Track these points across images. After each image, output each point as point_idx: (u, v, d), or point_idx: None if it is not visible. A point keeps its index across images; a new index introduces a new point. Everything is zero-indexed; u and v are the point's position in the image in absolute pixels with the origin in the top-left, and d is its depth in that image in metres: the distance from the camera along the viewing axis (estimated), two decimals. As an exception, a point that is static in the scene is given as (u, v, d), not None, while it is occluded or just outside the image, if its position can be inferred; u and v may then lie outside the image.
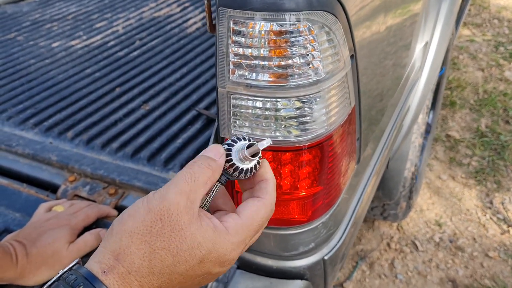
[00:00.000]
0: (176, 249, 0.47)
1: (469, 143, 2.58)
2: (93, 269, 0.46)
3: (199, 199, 0.50)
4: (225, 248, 0.49)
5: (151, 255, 0.46)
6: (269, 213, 0.54)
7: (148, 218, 0.48)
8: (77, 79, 1.51)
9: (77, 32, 1.84)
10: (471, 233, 2.11)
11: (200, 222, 0.49)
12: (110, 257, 0.47)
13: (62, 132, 1.25)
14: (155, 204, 0.48)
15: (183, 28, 1.86)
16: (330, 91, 0.72)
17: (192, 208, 0.49)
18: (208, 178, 0.52)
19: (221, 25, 0.67)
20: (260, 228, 0.54)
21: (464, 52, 3.44)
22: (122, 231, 0.48)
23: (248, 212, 0.53)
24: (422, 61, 1.47)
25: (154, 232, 0.47)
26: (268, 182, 0.56)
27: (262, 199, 0.54)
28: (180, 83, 1.46)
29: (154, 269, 0.46)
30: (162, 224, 0.47)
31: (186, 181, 0.50)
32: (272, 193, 0.55)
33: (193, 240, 0.47)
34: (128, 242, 0.47)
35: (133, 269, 0.46)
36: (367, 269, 1.99)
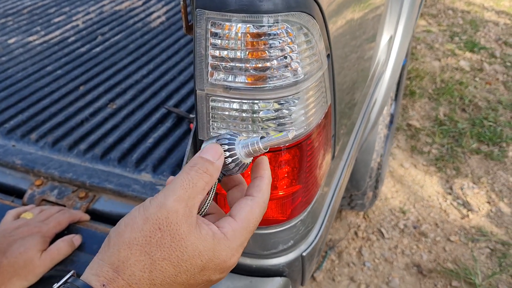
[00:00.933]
0: (177, 259, 0.46)
1: (429, 132, 2.67)
2: (91, 281, 0.45)
3: (197, 205, 0.49)
4: (225, 254, 0.49)
5: (151, 266, 0.45)
6: (262, 212, 0.53)
7: (146, 228, 0.47)
8: (38, 77, 1.45)
9: (34, 27, 1.77)
10: (433, 218, 2.19)
11: (199, 231, 0.48)
12: (109, 269, 0.46)
13: (25, 134, 1.20)
14: (153, 213, 0.47)
15: (146, 23, 1.81)
16: (308, 91, 0.72)
17: (191, 215, 0.48)
18: (206, 183, 0.51)
19: (198, 27, 0.66)
20: (255, 228, 0.53)
21: (421, 42, 3.53)
22: (120, 242, 0.46)
23: (243, 214, 0.52)
24: (387, 55, 1.50)
25: (154, 243, 0.46)
26: (262, 180, 0.55)
27: (255, 198, 0.53)
28: (147, 80, 1.43)
29: (155, 280, 0.46)
30: (161, 233, 0.46)
31: (184, 187, 0.49)
32: (265, 191, 0.54)
33: (193, 249, 0.47)
34: (127, 254, 0.46)
35: (134, 282, 0.45)
36: (336, 258, 2.03)
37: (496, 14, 3.96)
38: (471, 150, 2.54)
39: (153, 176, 1.07)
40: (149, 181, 1.05)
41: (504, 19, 3.88)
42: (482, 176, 2.38)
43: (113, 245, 0.47)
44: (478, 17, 3.92)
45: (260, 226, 0.84)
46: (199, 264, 0.47)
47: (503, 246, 2.02)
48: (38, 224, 0.91)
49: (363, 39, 1.16)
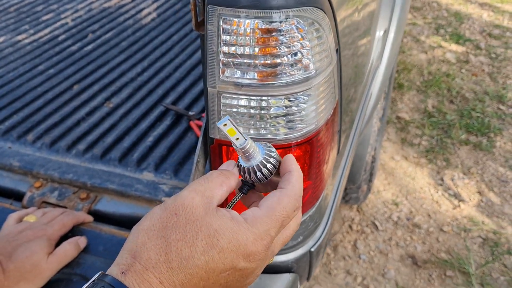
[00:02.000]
0: (192, 239, 0.45)
1: (419, 124, 2.70)
2: (113, 272, 0.45)
3: (216, 197, 0.49)
4: (245, 237, 0.47)
5: (167, 249, 0.45)
6: (293, 203, 0.52)
7: (164, 215, 0.47)
8: (30, 76, 1.42)
9: (23, 26, 1.73)
10: (426, 210, 2.21)
11: (216, 212, 0.48)
12: (128, 256, 0.45)
13: (21, 135, 1.17)
14: (170, 202, 0.48)
15: (137, 19, 1.79)
16: (319, 87, 0.72)
17: (209, 202, 0.48)
18: (222, 181, 0.51)
19: (210, 24, 0.65)
20: (286, 218, 0.51)
21: (407, 35, 3.56)
22: (139, 230, 0.47)
23: (268, 203, 0.51)
24: (382, 49, 1.50)
25: (170, 226, 0.46)
26: (291, 173, 0.55)
27: (284, 189, 0.52)
28: (142, 78, 1.41)
29: (172, 263, 0.45)
30: (177, 218, 0.47)
31: (199, 183, 0.50)
32: (295, 183, 0.53)
33: (208, 228, 0.46)
34: (144, 239, 0.46)
35: (151, 265, 0.44)
36: (332, 252, 2.05)
37: (479, 6, 4.02)
38: (460, 141, 2.57)
39: (155, 175, 1.06)
40: (152, 180, 1.04)
41: (488, 11, 3.93)
42: (471, 167, 2.42)
43: (132, 233, 0.47)
44: (462, 9, 3.97)
45: (270, 223, 0.84)
46: (216, 244, 0.46)
47: (495, 235, 2.06)
48: (43, 227, 0.89)
49: (359, 35, 1.17)
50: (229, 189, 0.52)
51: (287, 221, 0.52)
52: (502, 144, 2.55)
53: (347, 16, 0.90)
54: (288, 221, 0.52)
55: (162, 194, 1.00)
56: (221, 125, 0.52)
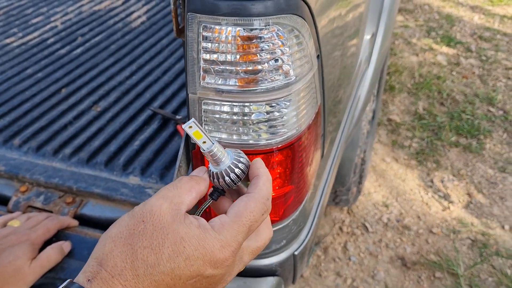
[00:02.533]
0: (159, 246, 0.46)
1: (409, 126, 2.71)
2: (79, 280, 0.45)
3: (185, 204, 0.50)
4: (212, 244, 0.48)
5: (133, 256, 0.45)
6: (261, 207, 0.52)
7: (131, 222, 0.48)
8: (18, 80, 1.42)
9: (11, 29, 1.72)
10: (415, 211, 2.23)
11: (183, 220, 0.48)
12: (94, 263, 0.46)
13: (7, 139, 1.17)
14: (138, 210, 0.49)
15: (127, 23, 1.79)
16: (300, 93, 0.73)
17: (177, 209, 0.48)
18: (191, 186, 0.52)
19: (190, 31, 0.66)
20: (253, 223, 0.51)
21: (399, 37, 3.58)
22: (106, 237, 0.48)
23: (235, 209, 0.51)
24: (370, 52, 1.51)
25: (136, 234, 0.46)
26: (258, 177, 0.55)
27: (251, 194, 0.53)
28: (130, 81, 1.42)
29: (138, 270, 0.45)
30: (144, 225, 0.47)
31: (168, 189, 0.51)
32: (262, 187, 0.54)
33: (175, 235, 0.46)
34: (111, 247, 0.46)
35: (116, 273, 0.45)
36: (322, 253, 2.05)
37: (470, 9, 4.04)
38: (450, 143, 2.59)
39: (141, 179, 1.06)
40: (138, 184, 1.05)
41: (479, 14, 3.96)
42: (461, 169, 2.43)
43: (100, 241, 0.48)
44: (453, 12, 4.00)
45: (253, 227, 0.84)
46: (182, 251, 0.46)
47: (483, 236, 2.07)
48: (26, 232, 0.90)
49: (346, 37, 1.17)
50: (198, 195, 0.52)
51: (255, 226, 0.52)
52: (491, 146, 2.57)
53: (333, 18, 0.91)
54: (257, 226, 0.52)
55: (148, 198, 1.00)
56: (186, 127, 0.52)
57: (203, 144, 0.53)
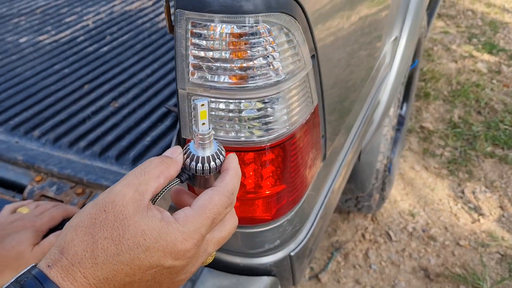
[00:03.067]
0: (119, 237, 0.46)
1: (442, 134, 2.63)
2: (40, 265, 0.47)
3: (150, 191, 0.49)
4: (173, 237, 0.48)
5: (93, 246, 0.46)
6: (225, 200, 0.52)
7: (93, 211, 0.48)
8: (45, 75, 1.48)
9: (46, 27, 1.81)
10: (443, 222, 2.15)
11: (146, 213, 0.48)
12: (56, 252, 0.47)
13: (28, 131, 1.23)
14: (101, 198, 0.49)
15: (154, 23, 1.84)
16: (290, 91, 0.72)
17: (140, 199, 0.48)
18: (160, 172, 0.51)
19: (179, 27, 0.67)
20: (217, 215, 0.51)
21: (438, 43, 3.48)
22: (69, 227, 0.48)
23: (200, 202, 0.51)
24: (392, 56, 1.48)
25: (98, 223, 0.47)
26: (227, 172, 0.55)
27: (216, 187, 0.53)
28: (150, 80, 1.45)
29: (97, 259, 0.46)
30: (106, 215, 0.47)
31: (135, 175, 0.51)
32: (229, 181, 0.54)
33: (136, 228, 0.47)
34: (73, 236, 0.47)
35: (76, 261, 0.46)
36: (342, 260, 2.02)
37: (517, 15, 3.88)
38: (485, 153, 2.49)
39: (148, 174, 1.08)
40: (145, 179, 1.07)
41: (526, 20, 3.79)
42: (495, 180, 2.33)
43: (63, 230, 0.49)
44: (498, 18, 3.84)
45: (246, 225, 0.84)
46: (142, 243, 0.47)
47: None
48: (32, 219, 0.93)
49: (371, 38, 1.16)
50: (167, 179, 0.52)
51: (219, 218, 0.52)
52: (529, 158, 2.45)
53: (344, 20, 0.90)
54: (220, 218, 0.52)
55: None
56: (199, 104, 0.52)
57: (202, 125, 0.53)
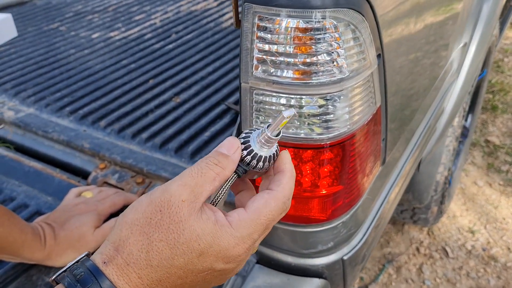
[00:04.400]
0: (174, 241, 0.46)
1: (510, 150, 2.49)
2: (95, 259, 0.47)
3: (205, 194, 0.49)
4: (226, 242, 0.47)
5: (148, 247, 0.46)
6: (280, 206, 0.51)
7: (148, 210, 0.47)
8: (113, 69, 1.55)
9: (116, 24, 1.89)
10: (506, 242, 2.03)
11: (200, 215, 0.47)
12: (111, 248, 0.47)
13: (95, 121, 1.29)
14: (157, 196, 0.48)
15: (218, 23, 1.87)
16: (353, 89, 0.71)
17: (195, 201, 0.47)
18: (216, 174, 0.50)
19: (246, 21, 0.68)
20: (271, 222, 0.50)
21: (510, 55, 3.30)
22: (123, 222, 0.48)
23: (255, 206, 0.50)
24: (460, 63, 1.42)
25: (153, 224, 0.46)
26: (283, 173, 0.53)
27: (273, 191, 0.51)
28: (212, 77, 1.48)
29: (152, 261, 0.46)
30: (161, 215, 0.47)
31: (191, 175, 0.49)
32: (285, 185, 0.52)
33: (191, 232, 0.46)
34: (128, 233, 0.47)
35: (132, 261, 0.46)
36: (394, 272, 1.96)
37: None
38: (557, 172, 2.33)
39: (205, 168, 1.10)
40: (201, 173, 1.09)
41: None
42: None
43: (117, 225, 0.48)
44: None
45: (300, 224, 0.84)
46: (197, 248, 0.46)
47: None
48: (95, 203, 0.98)
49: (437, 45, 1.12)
50: (222, 182, 0.51)
51: (272, 224, 0.51)
52: None
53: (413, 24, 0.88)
54: (274, 224, 0.51)
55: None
56: (285, 115, 0.51)
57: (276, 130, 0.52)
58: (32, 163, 1.19)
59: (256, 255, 0.95)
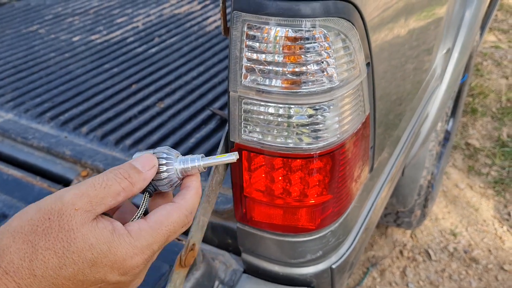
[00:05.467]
0: (63, 250, 0.42)
1: (489, 152, 2.53)
2: None
3: (103, 207, 0.45)
4: (124, 251, 0.44)
5: (32, 255, 0.42)
6: (183, 219, 0.49)
7: (36, 217, 0.44)
8: (95, 74, 1.52)
9: (98, 27, 1.86)
10: (486, 244, 2.06)
11: (96, 224, 0.44)
12: None
13: (77, 127, 1.26)
14: (47, 203, 0.44)
15: (202, 26, 1.86)
16: (343, 99, 0.70)
17: (91, 211, 0.44)
18: (122, 189, 0.47)
19: (235, 29, 0.66)
20: (172, 234, 0.49)
21: (488, 58, 3.36)
22: (5, 231, 0.44)
23: (157, 216, 0.48)
24: (443, 68, 1.43)
25: (40, 232, 0.43)
26: (188, 189, 0.52)
27: (176, 203, 0.50)
28: (196, 82, 1.46)
29: (35, 270, 0.42)
30: (50, 223, 0.43)
31: (94, 185, 0.46)
32: (189, 199, 0.51)
33: (84, 241, 0.43)
34: (9, 242, 0.43)
35: (11, 270, 0.42)
36: (378, 276, 1.97)
37: None
38: (535, 175, 2.37)
39: (191, 175, 1.08)
40: (187, 180, 1.07)
41: None
42: (545, 204, 2.22)
43: None
44: (554, 34, 3.68)
45: (288, 234, 0.83)
46: (89, 257, 0.43)
47: None
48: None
49: (420, 50, 1.12)
50: (126, 198, 0.48)
51: (173, 237, 0.49)
52: None
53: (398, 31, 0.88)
54: (174, 237, 0.49)
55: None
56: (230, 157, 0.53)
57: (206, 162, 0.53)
58: (11, 171, 1.15)
59: (243, 264, 0.93)
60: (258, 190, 0.78)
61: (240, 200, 0.81)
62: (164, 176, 0.51)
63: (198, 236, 0.78)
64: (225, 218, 0.97)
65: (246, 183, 0.78)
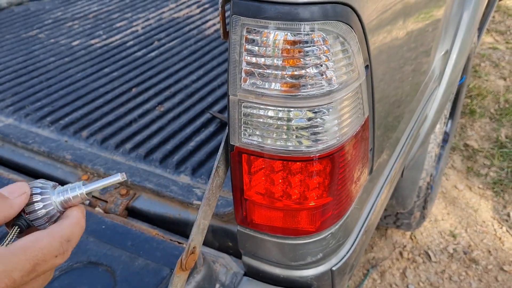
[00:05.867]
0: None
1: (488, 153, 2.53)
2: None
3: None
4: None
5: None
6: (56, 246, 0.44)
7: None
8: (95, 78, 1.52)
9: (97, 31, 1.86)
10: (486, 245, 2.07)
11: None
12: None
13: (77, 131, 1.26)
14: None
15: (201, 30, 1.86)
16: (342, 101, 0.71)
17: None
18: None
19: (234, 33, 0.67)
20: (41, 262, 0.43)
21: (486, 59, 3.37)
22: None
23: (22, 242, 0.43)
24: (442, 70, 1.44)
25: None
26: (68, 218, 0.48)
27: (48, 230, 0.46)
28: (196, 85, 1.47)
29: None
30: None
31: None
32: (65, 227, 0.46)
33: None
34: None
35: None
36: (378, 277, 1.97)
37: None
38: (534, 175, 2.38)
39: (191, 178, 1.09)
40: (187, 183, 1.07)
41: None
42: (544, 204, 2.23)
43: None
44: (552, 35, 3.69)
45: (289, 236, 0.83)
46: None
47: None
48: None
49: (419, 52, 1.13)
50: None
51: (43, 267, 0.43)
52: None
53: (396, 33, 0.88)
54: (46, 268, 0.44)
55: (195, 198, 1.02)
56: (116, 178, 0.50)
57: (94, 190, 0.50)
58: (11, 175, 1.15)
59: (244, 267, 0.94)
60: (258, 193, 0.79)
61: (241, 203, 0.81)
62: (38, 209, 0.47)
63: (198, 239, 0.78)
64: (225, 221, 0.98)
65: (246, 186, 0.78)
